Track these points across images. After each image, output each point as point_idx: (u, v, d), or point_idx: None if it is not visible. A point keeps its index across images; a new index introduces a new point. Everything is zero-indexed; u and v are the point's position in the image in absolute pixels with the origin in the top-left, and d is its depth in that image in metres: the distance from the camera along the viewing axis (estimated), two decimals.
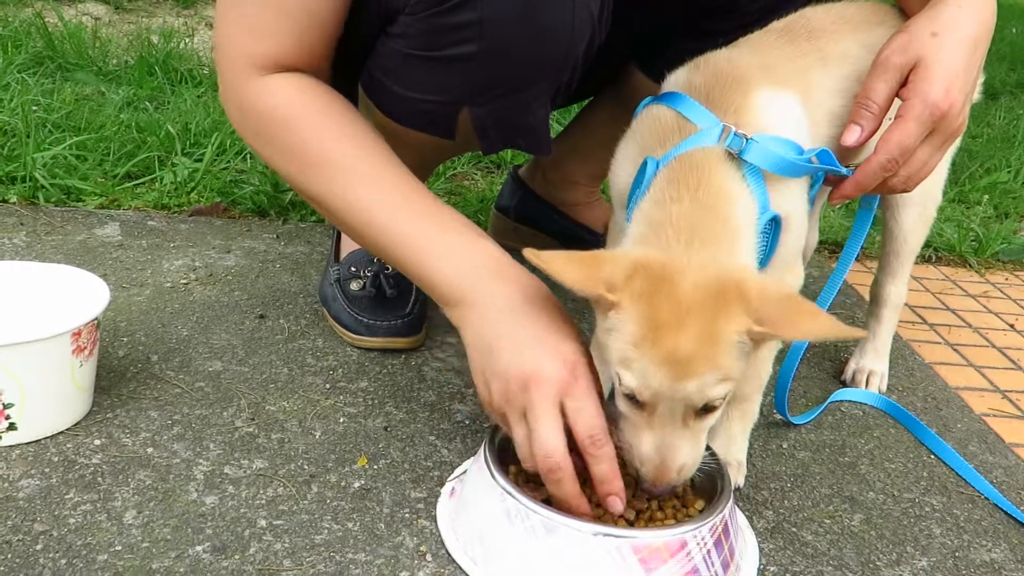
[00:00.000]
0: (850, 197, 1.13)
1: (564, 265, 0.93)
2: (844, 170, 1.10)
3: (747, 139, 1.01)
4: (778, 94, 1.09)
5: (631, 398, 0.95)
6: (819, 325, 0.92)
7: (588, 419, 0.97)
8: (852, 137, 1.09)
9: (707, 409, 0.95)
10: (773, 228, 1.06)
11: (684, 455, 0.96)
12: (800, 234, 1.13)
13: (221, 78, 1.19)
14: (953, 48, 1.07)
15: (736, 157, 1.02)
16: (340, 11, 1.17)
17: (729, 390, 0.94)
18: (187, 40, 3.28)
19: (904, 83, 1.08)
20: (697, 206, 0.98)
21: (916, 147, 1.07)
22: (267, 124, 1.16)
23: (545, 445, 0.96)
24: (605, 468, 0.98)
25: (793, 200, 1.08)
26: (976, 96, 1.44)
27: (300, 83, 1.16)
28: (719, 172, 1.01)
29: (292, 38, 1.15)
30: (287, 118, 1.15)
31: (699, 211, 0.98)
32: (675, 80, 1.13)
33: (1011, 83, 4.79)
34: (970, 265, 2.28)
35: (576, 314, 1.65)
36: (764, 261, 1.09)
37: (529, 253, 0.92)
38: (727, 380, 0.93)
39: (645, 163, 1.05)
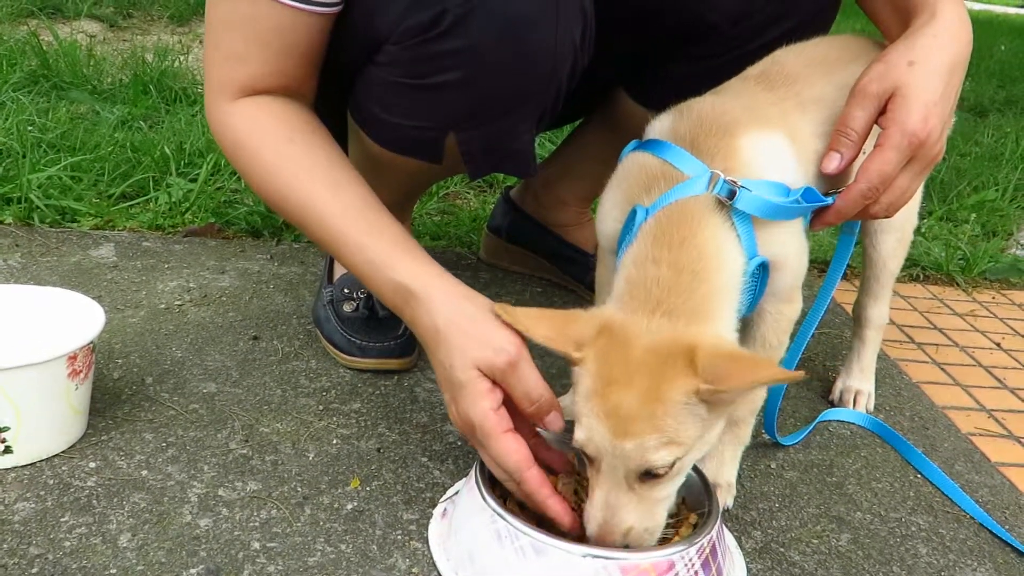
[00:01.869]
0: (831, 224, 1.15)
1: (534, 323, 0.97)
2: (827, 200, 1.11)
3: (737, 186, 1.02)
4: (765, 135, 1.10)
5: (583, 452, 0.97)
6: (760, 373, 0.94)
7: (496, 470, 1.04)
8: (832, 164, 1.11)
9: (651, 475, 0.95)
10: (761, 271, 1.07)
11: (629, 518, 0.96)
12: (797, 270, 1.14)
13: (206, 107, 1.25)
14: (930, 77, 1.09)
15: (725, 204, 1.02)
16: (316, 39, 1.20)
17: (676, 457, 0.94)
18: (182, 58, 3.30)
19: (882, 111, 1.10)
20: (675, 271, 0.99)
21: (896, 175, 1.09)
22: (231, 153, 1.23)
23: (514, 462, 1.02)
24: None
25: (785, 241, 1.09)
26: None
27: (259, 107, 1.21)
28: (706, 225, 1.01)
29: (265, 64, 1.19)
30: (242, 149, 1.21)
31: (676, 276, 0.99)
32: (659, 127, 1.14)
33: (999, 100, 4.84)
34: (957, 284, 2.30)
35: None
36: (753, 303, 1.11)
37: (499, 309, 0.97)
38: (672, 444, 0.93)
39: (635, 211, 1.05)
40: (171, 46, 3.44)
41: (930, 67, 1.10)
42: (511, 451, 1.01)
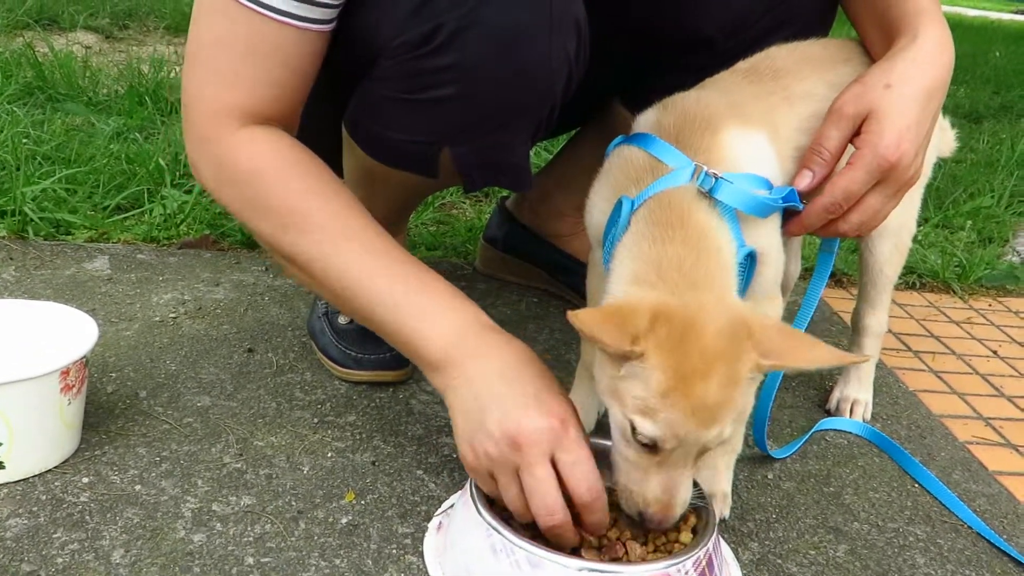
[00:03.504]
0: (795, 235, 1.16)
1: (600, 326, 0.93)
2: (801, 205, 1.13)
3: (717, 178, 1.03)
4: (746, 132, 1.11)
5: (645, 444, 0.95)
6: (822, 354, 0.96)
7: (584, 472, 1.00)
8: (804, 182, 1.12)
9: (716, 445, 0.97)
10: (749, 263, 1.08)
11: (686, 491, 0.99)
12: (777, 267, 1.15)
13: (192, 132, 1.17)
14: (905, 100, 1.10)
15: (709, 196, 1.04)
16: (314, 56, 1.17)
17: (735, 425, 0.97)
18: (177, 69, 3.30)
19: (858, 132, 1.11)
20: (688, 246, 1.00)
21: (861, 193, 1.11)
22: (248, 179, 1.15)
23: (546, 502, 0.99)
24: (599, 519, 1.02)
25: (767, 235, 1.10)
26: (951, 149, 1.49)
27: (278, 138, 1.16)
28: (696, 211, 1.03)
29: (265, 83, 1.14)
30: (267, 174, 1.14)
31: (691, 251, 1.00)
32: (645, 121, 1.15)
33: (994, 106, 4.85)
34: (954, 291, 2.30)
35: (564, 345, 1.67)
36: (741, 294, 1.11)
37: (571, 315, 0.92)
38: (738, 418, 0.96)
39: (620, 202, 1.07)
40: (167, 57, 3.44)
41: (906, 91, 1.11)
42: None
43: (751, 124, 1.12)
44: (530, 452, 0.99)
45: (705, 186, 1.03)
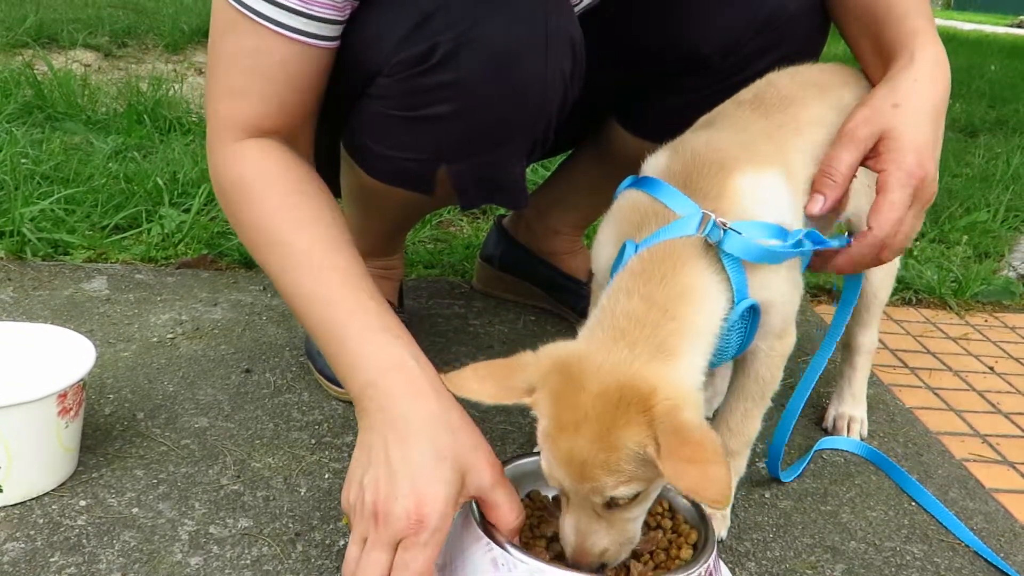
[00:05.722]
0: (845, 272, 1.14)
1: (479, 385, 0.96)
2: (833, 243, 1.11)
3: (725, 229, 1.00)
4: (760, 174, 1.08)
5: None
6: (703, 482, 0.85)
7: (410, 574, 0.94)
8: (816, 206, 1.11)
9: (616, 504, 0.95)
10: (752, 314, 1.06)
11: (602, 541, 0.97)
12: (788, 311, 1.13)
13: (208, 139, 1.22)
14: (917, 118, 1.11)
15: (713, 246, 1.01)
16: (318, 74, 1.18)
17: (639, 490, 0.93)
18: (176, 87, 3.31)
19: (870, 155, 1.11)
20: (646, 304, 0.97)
21: (904, 217, 1.09)
22: (229, 193, 1.18)
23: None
24: None
25: (777, 284, 1.07)
26: None
27: (268, 152, 1.17)
28: (691, 265, 1.00)
29: (269, 100, 1.16)
30: (246, 188, 1.16)
31: (646, 309, 0.97)
32: (654, 164, 1.13)
33: (990, 120, 4.86)
34: (950, 307, 2.30)
35: None
36: (744, 345, 1.10)
37: (444, 379, 0.98)
38: (632, 482, 0.92)
39: (624, 246, 1.05)
40: (165, 75, 3.46)
41: (915, 108, 1.11)
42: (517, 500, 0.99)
43: (765, 164, 1.09)
44: (380, 532, 0.95)
45: (713, 237, 1.00)
